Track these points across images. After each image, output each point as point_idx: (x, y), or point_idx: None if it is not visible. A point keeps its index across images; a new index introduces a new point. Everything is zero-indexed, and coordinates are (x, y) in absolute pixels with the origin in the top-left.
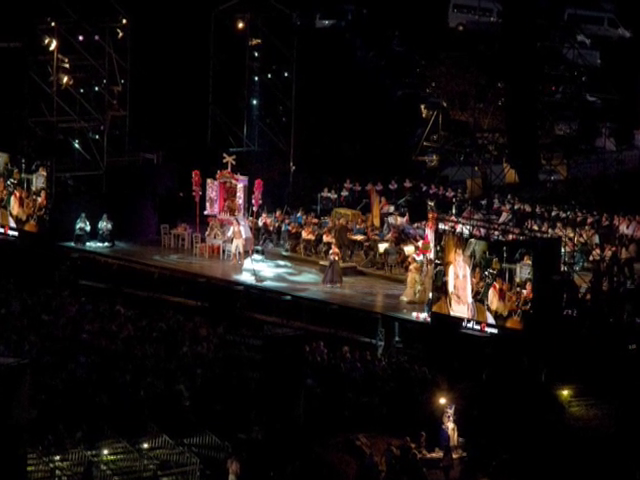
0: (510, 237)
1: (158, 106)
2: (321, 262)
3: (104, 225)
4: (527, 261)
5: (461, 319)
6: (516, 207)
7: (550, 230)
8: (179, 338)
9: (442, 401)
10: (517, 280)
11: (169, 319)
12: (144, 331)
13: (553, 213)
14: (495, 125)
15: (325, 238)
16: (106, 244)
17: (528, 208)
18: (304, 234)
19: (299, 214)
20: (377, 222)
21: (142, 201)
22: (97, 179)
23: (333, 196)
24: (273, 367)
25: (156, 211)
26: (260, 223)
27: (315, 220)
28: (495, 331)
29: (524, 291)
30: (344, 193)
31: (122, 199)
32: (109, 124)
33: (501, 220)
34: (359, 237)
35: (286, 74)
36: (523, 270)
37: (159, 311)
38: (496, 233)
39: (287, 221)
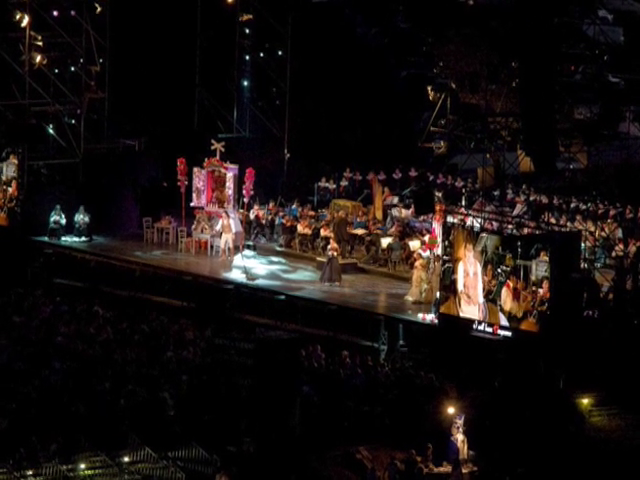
0: (525, 231)
1: (140, 88)
2: (318, 258)
3: (81, 218)
4: (544, 257)
5: (471, 321)
6: (531, 198)
7: (569, 223)
8: (163, 342)
9: (451, 410)
10: (533, 278)
11: (152, 321)
12: (124, 334)
13: (572, 205)
14: (508, 109)
15: (323, 232)
16: (83, 239)
17: (545, 199)
18: (300, 228)
19: (294, 206)
20: (379, 215)
21: (122, 192)
22: (73, 168)
23: (331, 186)
24: (266, 373)
25: (138, 203)
26: (252, 216)
27: (312, 213)
28: (508, 334)
29: (540, 290)
30: (343, 183)
31: (100, 189)
32: (86, 107)
33: (515, 212)
34: (360, 231)
35: (280, 53)
36: (539, 267)
37: (141, 312)
38: (510, 227)
39: (281, 214)
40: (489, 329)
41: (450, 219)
